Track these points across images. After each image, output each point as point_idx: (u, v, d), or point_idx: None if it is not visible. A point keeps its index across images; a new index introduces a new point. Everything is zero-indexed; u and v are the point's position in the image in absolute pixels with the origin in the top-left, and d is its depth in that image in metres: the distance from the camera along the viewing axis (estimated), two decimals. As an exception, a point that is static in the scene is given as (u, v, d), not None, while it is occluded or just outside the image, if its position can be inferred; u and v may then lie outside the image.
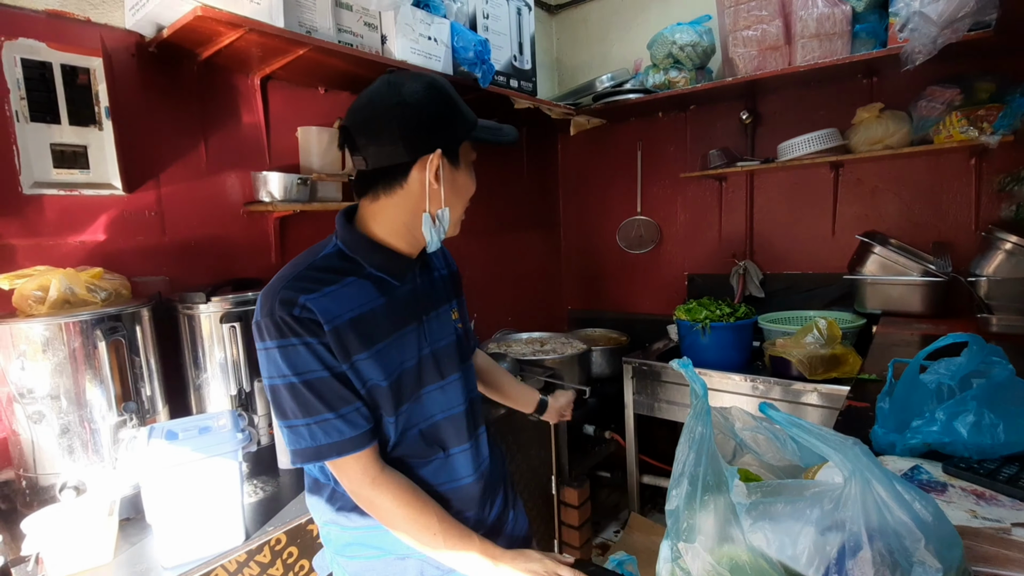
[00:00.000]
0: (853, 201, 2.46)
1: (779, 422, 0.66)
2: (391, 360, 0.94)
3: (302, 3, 1.60)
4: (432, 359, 1.01)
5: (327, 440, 0.88)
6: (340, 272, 0.93)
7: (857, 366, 1.88)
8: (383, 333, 0.93)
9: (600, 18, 3.12)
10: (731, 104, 2.66)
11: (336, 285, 0.91)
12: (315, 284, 0.89)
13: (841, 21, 2.07)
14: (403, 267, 0.99)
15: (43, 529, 1.07)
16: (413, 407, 0.98)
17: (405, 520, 0.93)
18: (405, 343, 0.97)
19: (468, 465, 1.04)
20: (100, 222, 1.49)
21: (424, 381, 1.00)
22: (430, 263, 1.09)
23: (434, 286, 1.08)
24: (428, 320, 1.02)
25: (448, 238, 1.02)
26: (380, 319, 0.93)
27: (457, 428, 1.04)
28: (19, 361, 1.19)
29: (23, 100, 1.35)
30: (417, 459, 0.99)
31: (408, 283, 1.00)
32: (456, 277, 1.18)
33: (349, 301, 0.91)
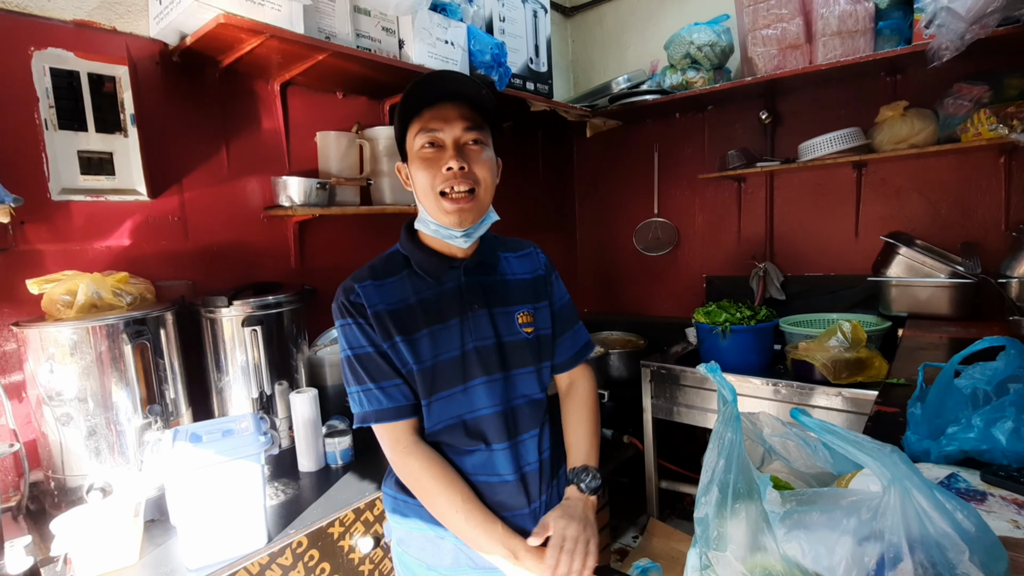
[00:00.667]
0: (877, 201, 2.41)
1: (812, 428, 0.64)
2: (424, 348, 1.02)
3: (321, 9, 1.61)
4: (476, 354, 1.04)
5: (370, 408, 1.02)
6: (391, 268, 1.07)
7: (883, 370, 1.84)
8: (418, 323, 1.02)
9: (616, 20, 3.10)
10: (750, 104, 2.63)
11: (385, 278, 1.05)
12: (370, 276, 1.05)
13: (864, 18, 2.04)
14: (441, 266, 1.06)
15: (71, 530, 1.09)
16: (457, 397, 1.03)
17: (432, 492, 1.00)
18: (444, 335, 1.03)
19: (508, 464, 1.05)
20: (125, 227, 1.52)
21: (469, 374, 1.04)
22: (491, 264, 1.11)
23: (492, 287, 1.09)
24: (475, 317, 1.05)
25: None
26: (416, 310, 1.03)
27: (497, 426, 1.05)
28: (48, 364, 1.21)
29: (52, 108, 1.38)
30: (459, 447, 1.05)
31: (450, 281, 1.06)
32: (541, 282, 1.15)
33: (391, 292, 1.03)
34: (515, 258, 1.16)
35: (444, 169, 0.98)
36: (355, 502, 1.34)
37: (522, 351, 1.09)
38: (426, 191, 1.01)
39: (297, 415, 1.48)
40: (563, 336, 1.18)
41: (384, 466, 1.49)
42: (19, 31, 1.33)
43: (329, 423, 1.56)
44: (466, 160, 0.99)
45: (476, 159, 1.01)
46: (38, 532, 1.20)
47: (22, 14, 1.33)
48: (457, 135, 1.00)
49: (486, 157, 1.03)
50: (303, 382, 1.64)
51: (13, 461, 1.32)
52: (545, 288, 1.16)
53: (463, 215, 1.01)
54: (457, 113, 0.99)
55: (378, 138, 1.97)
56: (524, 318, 1.10)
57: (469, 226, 1.03)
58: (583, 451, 1.13)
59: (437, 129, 0.99)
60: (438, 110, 0.99)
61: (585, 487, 1.08)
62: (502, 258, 1.14)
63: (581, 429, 1.16)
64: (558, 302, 1.18)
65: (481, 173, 1.01)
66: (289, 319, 1.59)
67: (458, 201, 1.00)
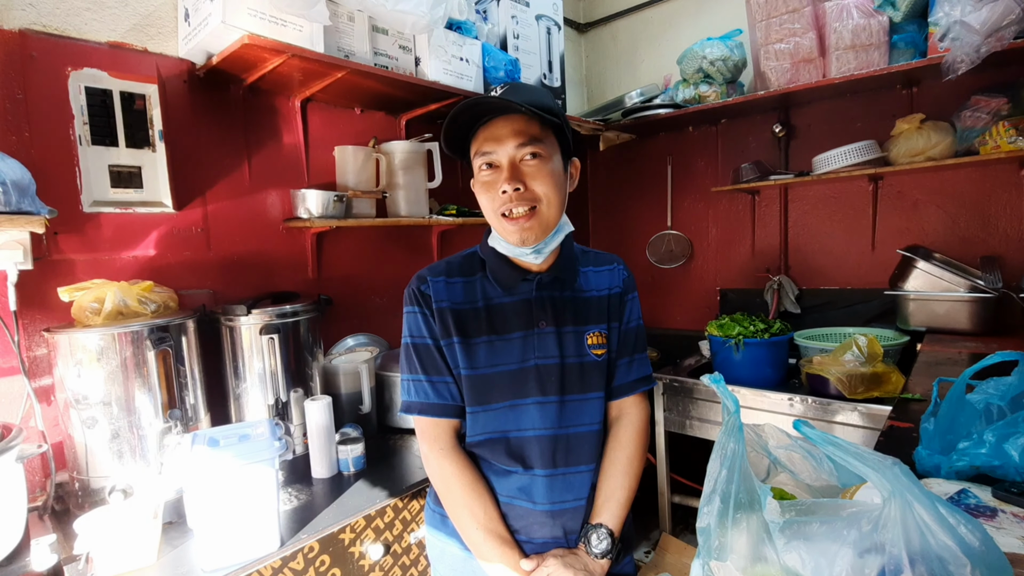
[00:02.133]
0: (894, 214, 2.39)
1: (814, 440, 0.65)
2: (480, 355, 1.02)
3: (341, 28, 1.67)
4: (536, 372, 1.01)
5: (416, 399, 1.04)
6: (467, 267, 1.09)
7: (900, 385, 1.81)
8: (480, 329, 1.03)
9: (629, 35, 3.14)
10: (763, 117, 2.64)
11: (458, 276, 1.07)
12: (444, 271, 1.07)
13: (878, 32, 2.04)
14: (513, 277, 1.05)
15: (93, 530, 1.12)
16: (505, 412, 1.02)
17: (457, 499, 1.01)
18: (504, 347, 1.02)
19: (546, 493, 1.01)
20: (151, 238, 1.58)
21: (525, 392, 1.01)
22: (568, 280, 1.07)
23: (564, 304, 1.06)
24: (541, 334, 1.03)
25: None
26: (481, 315, 1.04)
27: (542, 451, 1.02)
28: (76, 369, 1.26)
29: (86, 125, 1.44)
30: (497, 465, 1.04)
31: (522, 294, 1.05)
32: (616, 300, 1.10)
33: (461, 292, 1.05)
34: (595, 273, 1.11)
35: (500, 192, 0.97)
36: (366, 509, 1.36)
37: (587, 374, 1.05)
38: (489, 213, 1.01)
39: (311, 422, 1.51)
40: (621, 360, 1.11)
41: (398, 474, 1.52)
42: (59, 53, 1.41)
43: (342, 431, 1.59)
44: (522, 180, 0.96)
45: (534, 176, 0.97)
46: (62, 531, 1.23)
47: (62, 36, 1.41)
48: (512, 154, 0.96)
49: (548, 170, 0.98)
50: (318, 390, 1.67)
51: (40, 462, 1.36)
52: (619, 306, 1.11)
53: (525, 234, 0.98)
54: (510, 130, 0.96)
55: (394, 152, 2.02)
56: (596, 339, 1.06)
57: (535, 243, 1.00)
58: (605, 505, 1.05)
59: (491, 151, 0.97)
60: (491, 129, 0.97)
61: (589, 548, 1.01)
62: (581, 273, 1.10)
63: (612, 478, 1.06)
64: (626, 324, 1.11)
65: (541, 189, 0.97)
66: (305, 328, 1.63)
67: (518, 220, 0.97)
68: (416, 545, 1.47)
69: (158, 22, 1.57)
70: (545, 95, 1.01)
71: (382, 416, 1.86)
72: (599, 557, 1.00)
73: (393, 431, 1.85)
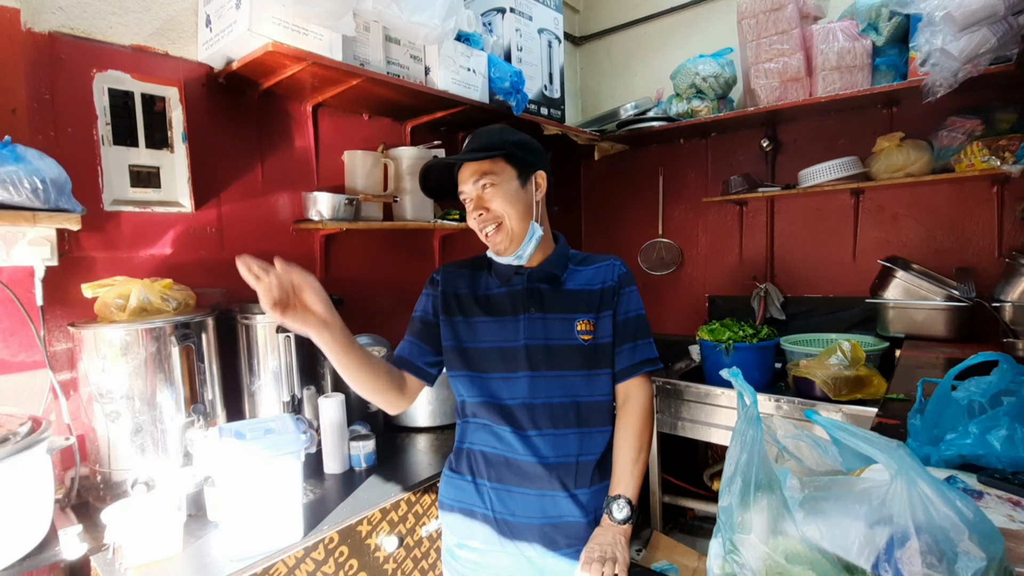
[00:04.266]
0: (874, 227, 2.52)
1: (825, 426, 0.73)
2: (481, 331, 1.22)
3: (357, 38, 1.72)
4: (526, 351, 1.19)
5: (398, 352, 1.27)
6: (475, 265, 1.31)
7: (882, 388, 1.92)
8: (477, 311, 1.24)
9: (623, 50, 3.24)
10: (752, 132, 2.76)
11: (465, 269, 1.30)
12: (459, 265, 1.32)
13: (862, 55, 2.17)
14: (508, 272, 1.25)
15: (121, 521, 1.15)
16: (499, 382, 1.20)
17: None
18: (501, 327, 1.22)
19: (533, 449, 1.17)
20: (168, 237, 1.60)
21: (517, 365, 1.19)
22: (555, 275, 1.24)
23: (551, 295, 1.23)
24: (530, 318, 1.21)
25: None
26: (481, 300, 1.25)
27: (531, 416, 1.18)
28: (100, 363, 1.29)
29: (108, 125, 1.47)
30: (493, 425, 1.20)
31: (514, 285, 1.24)
32: (608, 293, 1.25)
33: (469, 282, 1.28)
34: (591, 270, 1.27)
35: (474, 219, 1.20)
36: (381, 502, 1.40)
37: (572, 355, 1.20)
38: (478, 234, 1.24)
39: (325, 418, 1.55)
40: (623, 346, 1.24)
41: (408, 470, 1.57)
42: (85, 55, 1.43)
43: (352, 428, 1.63)
44: (484, 206, 1.18)
45: (491, 199, 1.18)
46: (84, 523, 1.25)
47: (88, 39, 1.44)
48: (471, 190, 1.19)
49: (501, 192, 1.17)
50: (329, 388, 1.71)
51: (62, 455, 1.38)
52: (612, 298, 1.25)
53: (499, 246, 1.20)
54: (468, 172, 1.19)
55: (402, 157, 2.07)
56: (584, 325, 1.21)
57: (513, 251, 1.20)
58: (620, 478, 1.19)
59: (462, 191, 1.21)
60: (460, 175, 1.22)
61: (613, 518, 1.15)
62: (574, 271, 1.27)
63: (624, 452, 1.20)
64: (623, 314, 1.25)
65: (499, 207, 1.18)
66: (318, 327, 1.67)
67: (491, 236, 1.20)
68: (427, 538, 1.52)
69: (179, 27, 1.61)
70: (495, 133, 1.22)
71: (389, 415, 1.90)
72: (621, 523, 1.15)
73: (400, 429, 1.89)
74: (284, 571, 1.21)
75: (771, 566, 0.68)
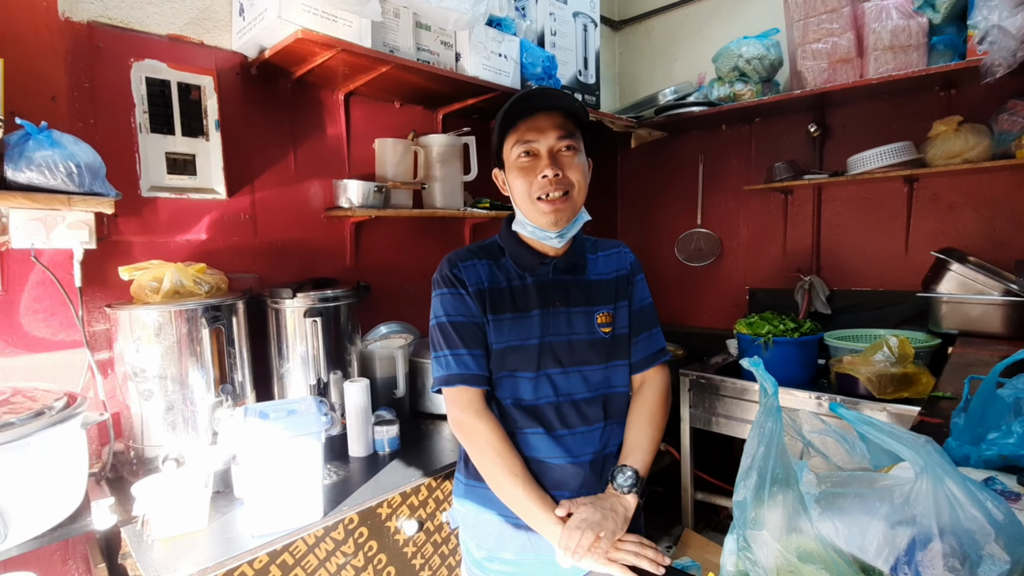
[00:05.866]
0: (928, 217, 2.36)
1: (850, 420, 0.68)
2: (505, 330, 1.12)
3: (387, 24, 1.73)
4: (550, 347, 1.12)
5: (457, 370, 1.10)
6: (487, 254, 1.19)
7: (930, 386, 1.80)
8: (505, 306, 1.13)
9: (664, 33, 3.15)
10: (798, 117, 2.63)
11: (480, 261, 1.16)
12: (473, 256, 1.17)
13: (917, 33, 2.02)
14: (533, 261, 1.16)
15: (150, 494, 1.20)
16: (525, 382, 1.12)
17: (491, 456, 1.08)
18: (525, 323, 1.13)
19: (566, 449, 1.11)
20: (203, 223, 1.66)
21: (541, 364, 1.12)
22: (580, 265, 1.18)
23: (576, 287, 1.16)
24: (554, 313, 1.14)
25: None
26: (506, 294, 1.14)
27: (559, 415, 1.12)
28: (135, 344, 1.34)
29: (145, 114, 1.53)
30: (520, 427, 1.12)
31: (538, 275, 1.16)
32: (623, 281, 1.21)
33: (487, 275, 1.15)
34: (603, 257, 1.22)
35: (540, 176, 1.08)
36: (402, 486, 1.41)
37: (594, 349, 1.15)
38: (523, 196, 1.11)
39: (350, 403, 1.57)
40: (639, 337, 1.21)
41: (430, 456, 1.57)
42: (122, 44, 1.49)
43: (377, 413, 1.65)
44: (560, 167, 1.08)
45: (569, 164, 1.09)
46: (117, 496, 1.32)
47: (126, 29, 1.49)
48: (551, 144, 1.08)
49: (578, 162, 1.10)
50: (355, 373, 1.73)
51: (98, 430, 1.45)
52: (627, 287, 1.21)
53: (558, 215, 1.09)
54: (551, 123, 1.08)
55: (431, 145, 2.08)
56: (603, 318, 1.16)
57: (564, 226, 1.12)
58: (630, 452, 1.15)
59: (533, 140, 1.08)
60: (533, 122, 1.08)
61: (616, 485, 1.10)
62: (591, 259, 1.21)
63: (635, 431, 1.17)
64: (637, 303, 1.21)
65: (574, 177, 1.10)
66: (345, 313, 1.70)
67: (554, 202, 1.08)
68: (447, 524, 1.53)
69: (214, 16, 1.65)
70: (570, 97, 1.13)
71: (415, 401, 1.92)
72: (626, 492, 1.09)
73: (425, 416, 1.91)
74: (304, 549, 1.23)
75: (783, 564, 0.64)
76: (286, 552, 1.20)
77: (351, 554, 1.32)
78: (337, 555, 1.29)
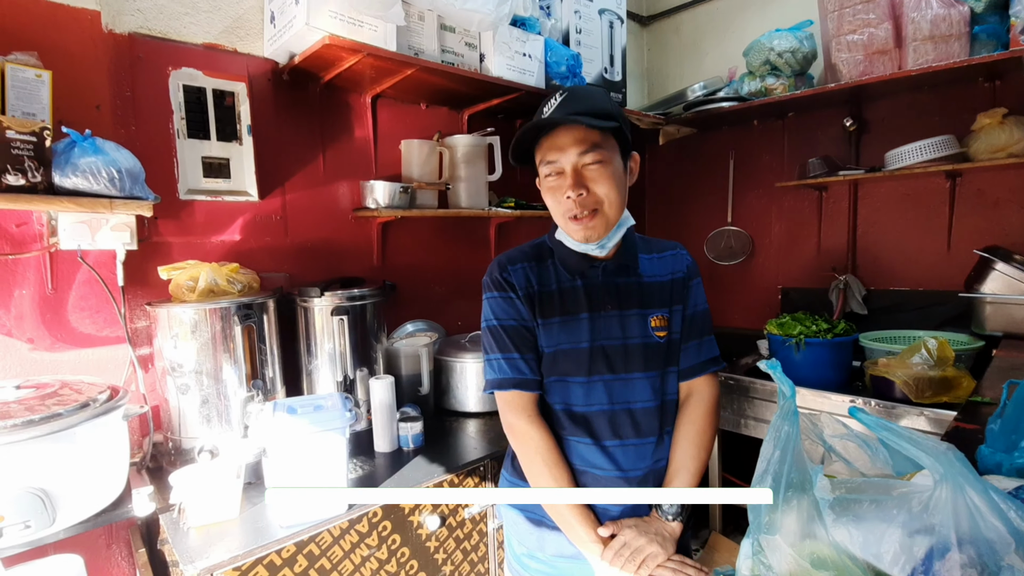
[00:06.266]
0: (972, 213, 2.26)
1: (868, 424, 0.66)
2: (554, 334, 1.10)
3: (412, 27, 1.75)
4: (602, 352, 1.09)
5: (510, 375, 1.10)
6: (536, 255, 1.16)
7: (971, 391, 1.73)
8: (555, 310, 1.11)
9: (693, 28, 3.09)
10: (833, 111, 2.55)
11: (530, 263, 1.14)
12: (523, 259, 1.15)
13: (959, 22, 1.94)
14: (581, 264, 1.12)
15: (186, 484, 1.25)
16: (575, 388, 1.10)
17: (541, 466, 1.07)
18: (574, 327, 1.10)
19: (614, 461, 1.08)
20: (237, 224, 1.72)
21: (592, 369, 1.09)
22: (631, 266, 1.14)
23: (628, 289, 1.13)
24: (606, 316, 1.10)
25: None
26: (555, 297, 1.12)
27: (610, 424, 1.09)
28: (173, 340, 1.41)
29: (183, 120, 1.59)
30: (566, 435, 1.11)
31: (587, 279, 1.13)
32: (679, 285, 1.16)
33: (536, 278, 1.13)
34: (657, 259, 1.17)
35: (565, 198, 1.04)
36: (425, 482, 1.44)
37: (649, 354, 1.11)
38: (555, 214, 1.10)
39: (375, 399, 1.60)
40: (689, 343, 1.16)
41: (454, 452, 1.60)
42: (161, 54, 1.56)
43: (402, 410, 1.68)
44: (585, 185, 1.03)
45: (596, 180, 1.03)
46: (156, 484, 1.38)
47: (165, 39, 1.56)
48: (574, 161, 1.03)
49: (608, 173, 1.04)
50: (381, 371, 1.77)
51: (139, 422, 1.52)
52: (683, 291, 1.16)
53: (588, 232, 1.06)
54: (571, 138, 1.02)
55: (457, 146, 2.10)
56: (658, 321, 1.12)
57: (599, 240, 1.08)
58: (676, 474, 1.10)
59: (554, 159, 1.04)
60: (554, 139, 1.04)
61: (661, 511, 1.08)
62: (643, 260, 1.16)
63: (681, 452, 1.12)
64: (692, 308, 1.17)
65: (603, 191, 1.04)
66: (371, 311, 1.73)
67: (582, 220, 1.05)
68: (470, 520, 1.55)
69: (247, 24, 1.71)
70: (602, 98, 1.06)
71: (439, 398, 1.95)
72: (671, 519, 1.06)
73: (449, 413, 1.93)
74: (330, 540, 1.27)
75: (796, 570, 0.63)
76: (312, 543, 1.24)
77: (375, 547, 1.35)
78: (361, 547, 1.33)
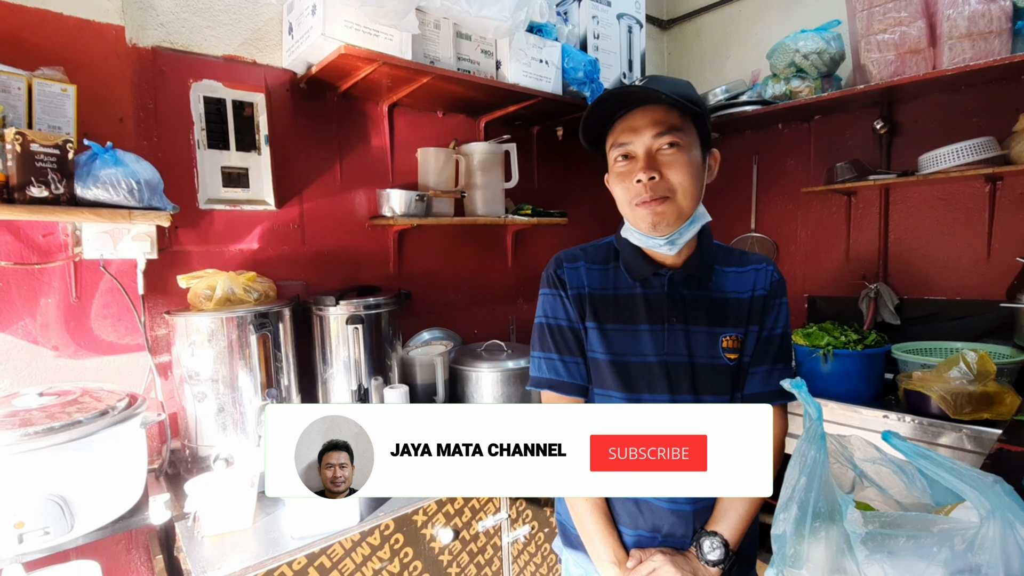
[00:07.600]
0: (1014, 219, 2.15)
1: (904, 452, 0.62)
2: (613, 341, 1.03)
3: (427, 36, 1.75)
4: (666, 369, 1.00)
5: (548, 375, 1.06)
6: (600, 256, 1.10)
7: (1015, 407, 1.64)
8: (611, 316, 1.04)
9: (714, 31, 3.03)
10: (862, 113, 2.46)
11: (594, 264, 1.08)
12: (581, 258, 1.09)
13: (999, 18, 1.85)
14: (646, 270, 1.04)
15: (200, 492, 1.25)
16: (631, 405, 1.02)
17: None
18: (632, 338, 1.02)
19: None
20: (255, 233, 1.73)
21: (654, 387, 1.00)
22: (702, 277, 1.04)
23: (697, 303, 1.03)
24: (670, 330, 1.01)
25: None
26: (612, 303, 1.05)
27: None
28: (190, 348, 1.41)
29: (203, 131, 1.61)
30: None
31: (654, 288, 1.03)
32: (758, 303, 1.04)
33: (597, 278, 1.07)
34: (735, 273, 1.06)
35: (635, 181, 0.96)
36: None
37: (717, 377, 1.01)
38: (623, 204, 1.01)
39: (391, 409, 1.59)
40: (759, 368, 1.04)
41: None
42: (183, 66, 1.58)
43: (419, 419, 1.66)
44: (658, 169, 0.95)
45: (671, 165, 0.95)
46: (174, 491, 1.39)
47: (186, 52, 1.58)
48: (649, 144, 0.95)
49: (685, 160, 0.95)
50: (396, 379, 1.76)
51: (158, 429, 1.53)
52: (762, 310, 1.04)
53: (656, 218, 0.96)
54: (647, 120, 0.95)
55: (473, 153, 2.08)
56: (730, 342, 1.01)
57: (668, 232, 0.98)
58: (723, 514, 0.99)
59: (627, 141, 0.97)
60: (629, 120, 0.97)
61: (700, 553, 0.97)
62: (721, 272, 1.06)
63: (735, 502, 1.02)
64: (768, 330, 1.04)
65: (677, 178, 0.95)
66: (386, 320, 1.72)
67: (651, 204, 0.96)
68: (483, 534, 1.52)
69: (265, 36, 1.72)
70: (687, 85, 0.99)
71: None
72: (710, 566, 0.96)
73: (465, 423, 1.90)
74: (341, 552, 1.25)
75: (824, 609, 0.59)
76: (324, 555, 1.23)
77: (387, 560, 1.33)
78: (373, 560, 1.31)
